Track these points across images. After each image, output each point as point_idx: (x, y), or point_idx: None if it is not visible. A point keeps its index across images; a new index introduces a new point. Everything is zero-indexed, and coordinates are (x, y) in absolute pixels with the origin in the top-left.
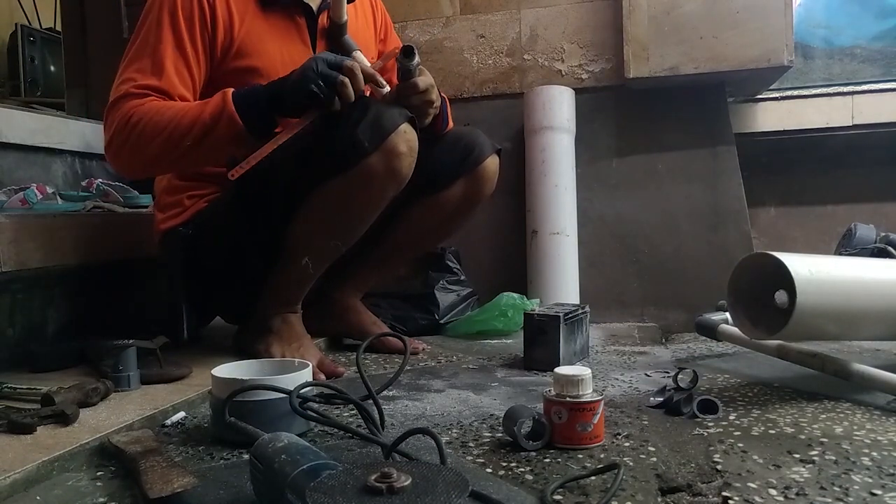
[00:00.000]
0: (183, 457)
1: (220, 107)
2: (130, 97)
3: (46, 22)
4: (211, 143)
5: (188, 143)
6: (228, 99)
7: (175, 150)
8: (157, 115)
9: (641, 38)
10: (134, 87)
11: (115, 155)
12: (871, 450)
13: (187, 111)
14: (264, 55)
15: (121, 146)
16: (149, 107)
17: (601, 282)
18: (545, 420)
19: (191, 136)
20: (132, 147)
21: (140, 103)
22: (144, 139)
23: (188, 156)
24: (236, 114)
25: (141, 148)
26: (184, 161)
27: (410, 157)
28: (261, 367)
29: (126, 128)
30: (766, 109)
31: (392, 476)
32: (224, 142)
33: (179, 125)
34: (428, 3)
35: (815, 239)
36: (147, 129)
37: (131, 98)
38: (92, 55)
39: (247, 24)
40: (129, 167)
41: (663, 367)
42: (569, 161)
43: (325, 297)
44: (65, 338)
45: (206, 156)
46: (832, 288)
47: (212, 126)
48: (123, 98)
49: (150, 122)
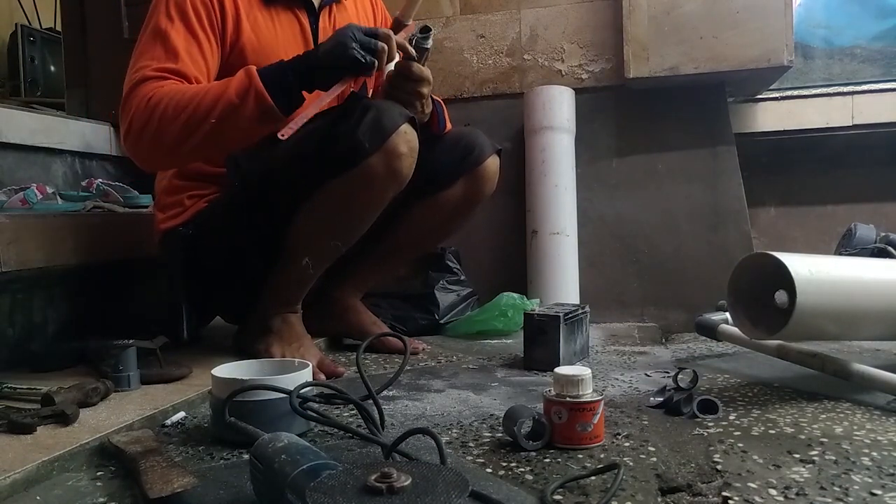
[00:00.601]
0: (183, 457)
1: (247, 83)
2: (148, 80)
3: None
4: (237, 122)
5: (213, 122)
6: (254, 75)
7: (198, 132)
8: (177, 94)
9: (641, 38)
10: (151, 71)
11: (136, 142)
12: (871, 450)
13: (209, 90)
14: (267, 50)
15: (140, 131)
16: (168, 88)
17: (601, 282)
18: (545, 420)
19: (215, 115)
20: (153, 132)
21: (159, 85)
22: (165, 121)
23: (212, 138)
24: (265, 90)
25: (162, 131)
26: (208, 144)
27: (411, 157)
28: (261, 367)
29: (146, 111)
30: (766, 109)
31: (392, 476)
32: (251, 119)
33: (202, 104)
34: (428, 3)
35: (815, 239)
36: (168, 110)
37: (149, 81)
38: (92, 55)
39: (251, 18)
40: (149, 155)
41: (663, 367)
42: (569, 161)
43: (325, 297)
44: (65, 338)
45: (230, 137)
46: (832, 288)
47: (239, 104)
48: (140, 82)
49: (170, 103)
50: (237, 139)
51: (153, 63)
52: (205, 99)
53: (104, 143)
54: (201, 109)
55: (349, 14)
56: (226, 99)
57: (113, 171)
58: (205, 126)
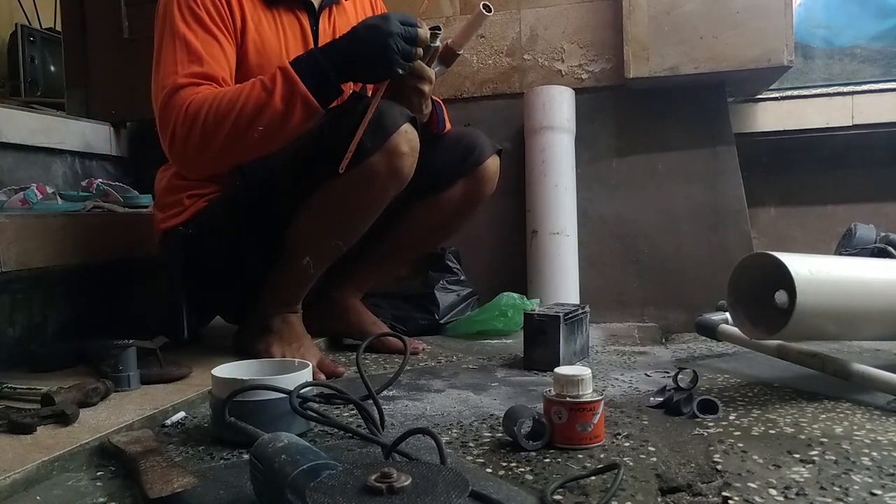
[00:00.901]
0: (183, 457)
1: (289, 90)
2: (181, 88)
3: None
4: (284, 127)
5: (260, 129)
6: (297, 81)
7: (245, 139)
8: (216, 101)
9: (641, 38)
10: (182, 78)
11: (182, 151)
12: (871, 450)
13: (248, 95)
14: (269, 50)
15: (185, 140)
16: (204, 94)
17: (601, 282)
18: (545, 420)
19: (263, 122)
20: (198, 141)
21: (194, 92)
22: (209, 130)
23: (260, 143)
24: (310, 95)
25: (207, 140)
26: (256, 149)
27: (412, 156)
28: (261, 367)
29: (186, 120)
30: (766, 109)
31: (392, 476)
32: (299, 124)
33: (244, 111)
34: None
35: (815, 239)
36: (209, 118)
37: (183, 89)
38: (92, 55)
39: (255, 18)
40: (196, 164)
41: (663, 367)
42: (569, 161)
43: (325, 297)
44: (65, 338)
45: (277, 140)
46: (832, 288)
47: (285, 111)
48: (174, 91)
49: (210, 111)
50: (283, 141)
51: (181, 69)
52: (247, 105)
53: (104, 143)
54: (244, 117)
55: (348, 16)
56: (272, 107)
57: (113, 171)
58: (252, 133)
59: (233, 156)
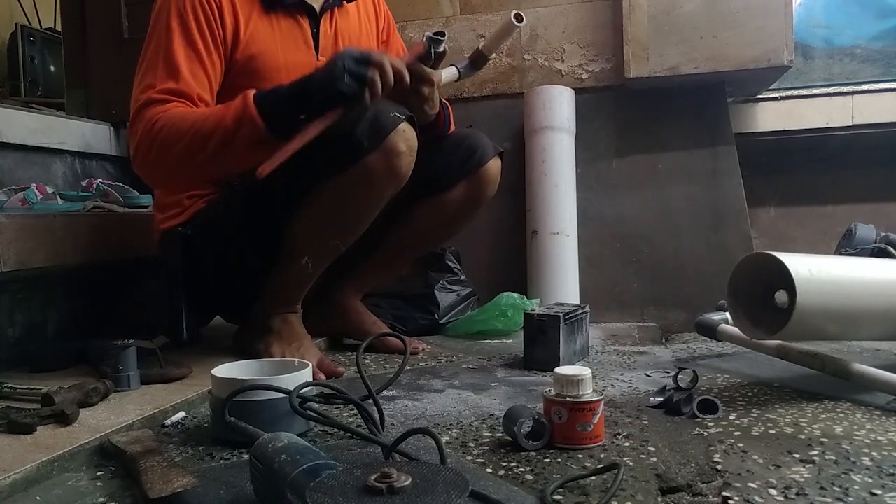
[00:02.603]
0: (183, 457)
1: (242, 109)
2: (152, 104)
3: (46, 22)
4: (234, 147)
5: (211, 149)
6: (250, 101)
7: (198, 156)
8: (179, 120)
9: (641, 38)
10: (155, 93)
11: (141, 164)
12: (871, 450)
13: (208, 116)
14: (267, 57)
15: (145, 155)
16: (171, 113)
17: (601, 282)
18: (545, 420)
19: (213, 141)
20: (155, 155)
21: (163, 110)
22: (166, 146)
23: (212, 162)
24: (258, 115)
25: (163, 156)
26: (208, 167)
27: (409, 156)
28: (261, 367)
29: (149, 136)
30: (766, 109)
31: (392, 476)
32: (247, 145)
33: (200, 130)
34: (428, 3)
35: (815, 239)
36: (169, 135)
37: (154, 105)
38: (92, 55)
39: (252, 25)
40: (154, 176)
41: (663, 367)
42: (569, 161)
43: (325, 298)
44: (65, 338)
45: (229, 161)
46: (832, 288)
47: (234, 130)
48: (145, 106)
49: (171, 129)
50: (236, 163)
51: (156, 83)
52: (204, 126)
53: (104, 143)
54: (199, 136)
55: (351, 18)
56: (223, 126)
57: (113, 171)
58: (204, 152)
59: (186, 172)
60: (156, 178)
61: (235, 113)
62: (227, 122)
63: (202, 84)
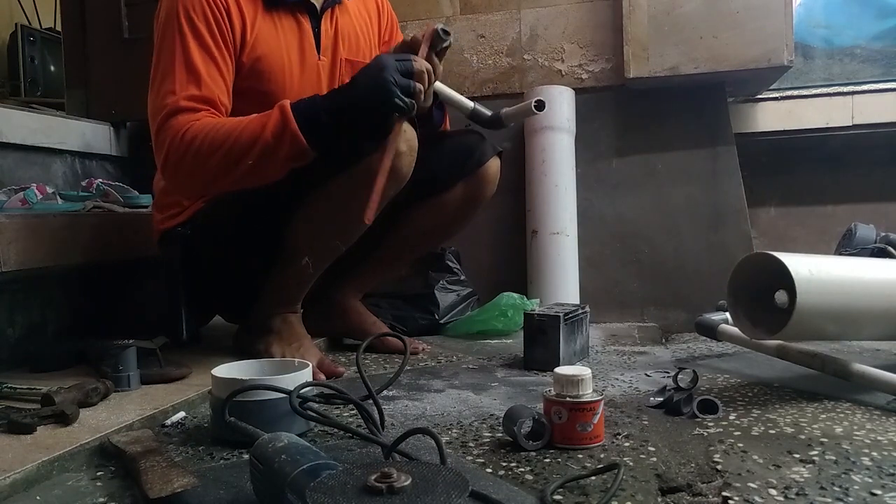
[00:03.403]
0: (183, 457)
1: (282, 124)
2: (181, 112)
3: (46, 22)
4: (273, 161)
5: (249, 163)
6: (290, 117)
7: (236, 170)
8: (212, 131)
9: (641, 38)
10: (183, 100)
11: (173, 175)
12: (871, 450)
13: (244, 128)
14: (272, 58)
15: (177, 165)
16: (202, 123)
17: (601, 282)
18: (545, 420)
19: (252, 155)
20: (190, 167)
21: (194, 119)
22: (202, 158)
23: (249, 175)
24: (300, 133)
25: (199, 167)
26: (244, 180)
27: (410, 155)
28: (261, 367)
29: (181, 146)
30: (766, 109)
31: (392, 476)
32: (286, 160)
33: (238, 143)
34: (428, 3)
35: (815, 239)
36: (203, 147)
37: (182, 113)
38: (92, 55)
39: (257, 25)
40: (187, 188)
41: (663, 367)
42: (569, 161)
43: (325, 298)
44: (65, 338)
45: (265, 174)
46: (832, 288)
47: (274, 145)
48: (173, 114)
49: (206, 140)
50: (272, 175)
51: (178, 89)
52: (241, 138)
53: (104, 143)
54: (237, 149)
55: (351, 16)
56: (262, 140)
57: (113, 171)
58: (242, 166)
59: (221, 184)
60: (187, 191)
61: (275, 128)
62: (267, 137)
63: (221, 88)
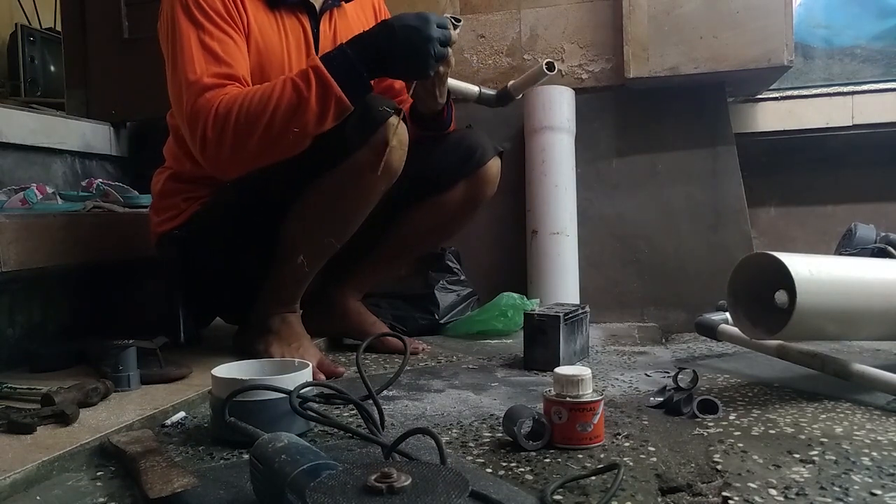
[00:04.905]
0: (183, 457)
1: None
2: (208, 89)
3: (46, 22)
4: (320, 128)
5: (295, 131)
6: (331, 82)
7: (280, 140)
8: (246, 101)
9: (641, 38)
10: (207, 77)
11: (216, 153)
12: (871, 450)
13: (281, 97)
14: (272, 54)
15: (217, 145)
16: (232, 94)
17: (601, 282)
18: (545, 420)
19: (297, 124)
20: (231, 142)
21: (223, 92)
22: (241, 131)
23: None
24: (345, 96)
25: (242, 141)
26: (288, 149)
27: (400, 150)
28: (261, 367)
29: (217, 124)
30: (765, 109)
31: (392, 476)
32: (333, 122)
33: (277, 113)
34: (428, 3)
35: (815, 239)
36: (241, 119)
37: (209, 90)
38: (92, 55)
39: (258, 20)
40: (231, 166)
41: (663, 367)
42: (569, 161)
43: (325, 298)
44: (65, 338)
45: (308, 140)
46: (832, 288)
47: (320, 112)
48: (201, 91)
49: (242, 114)
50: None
51: (201, 71)
52: (280, 106)
53: (104, 143)
54: (279, 118)
55: (349, 19)
56: (307, 108)
57: (113, 171)
58: (287, 134)
59: (267, 157)
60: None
61: (318, 94)
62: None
63: (242, 65)
